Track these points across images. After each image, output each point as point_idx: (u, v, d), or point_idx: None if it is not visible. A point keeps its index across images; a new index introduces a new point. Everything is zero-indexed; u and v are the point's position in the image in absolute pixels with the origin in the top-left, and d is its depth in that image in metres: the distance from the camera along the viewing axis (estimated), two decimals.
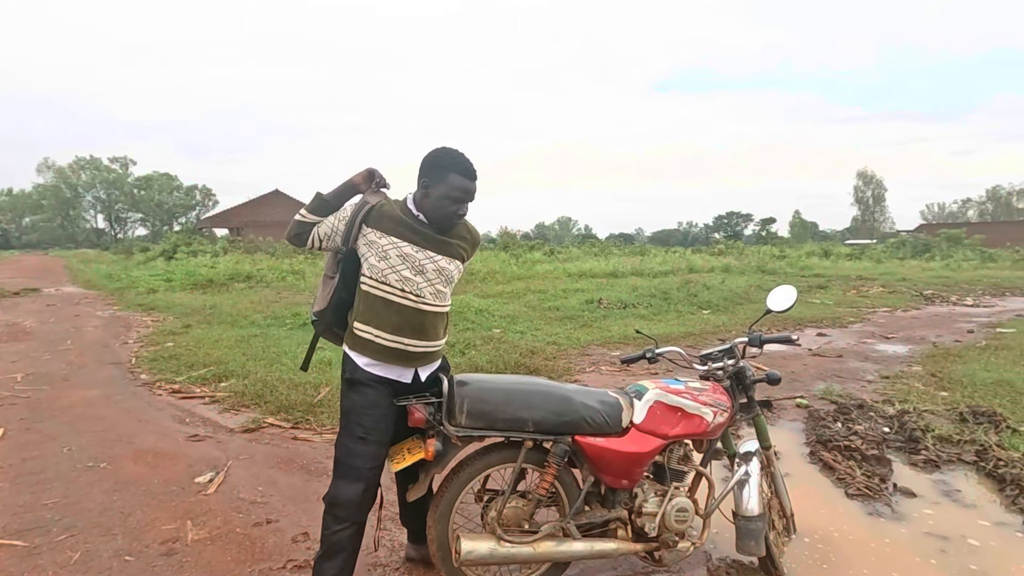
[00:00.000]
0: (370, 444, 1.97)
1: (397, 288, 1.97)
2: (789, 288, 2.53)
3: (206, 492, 3.07)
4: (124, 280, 15.50)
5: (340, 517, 1.96)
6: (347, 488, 1.95)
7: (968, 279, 17.16)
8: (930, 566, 2.45)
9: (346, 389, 2.01)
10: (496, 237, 43.18)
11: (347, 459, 1.97)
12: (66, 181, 76.51)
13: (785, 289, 2.54)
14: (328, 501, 1.98)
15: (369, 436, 1.96)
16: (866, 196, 77.98)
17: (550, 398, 2.07)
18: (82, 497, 3.00)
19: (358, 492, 1.95)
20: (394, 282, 1.96)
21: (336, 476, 1.99)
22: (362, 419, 1.96)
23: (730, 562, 2.45)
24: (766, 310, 2.57)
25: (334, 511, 1.96)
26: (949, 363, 6.04)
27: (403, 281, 1.96)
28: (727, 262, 21.37)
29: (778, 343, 2.45)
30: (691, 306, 10.55)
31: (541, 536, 2.07)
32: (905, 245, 32.75)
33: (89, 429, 4.06)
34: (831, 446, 3.59)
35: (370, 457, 1.97)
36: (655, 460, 2.24)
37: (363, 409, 1.97)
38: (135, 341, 7.51)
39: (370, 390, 1.98)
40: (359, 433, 1.96)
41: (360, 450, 1.96)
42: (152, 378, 5.52)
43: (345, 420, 2.00)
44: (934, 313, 10.51)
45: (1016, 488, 3.05)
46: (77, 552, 2.48)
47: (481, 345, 6.67)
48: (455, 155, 1.99)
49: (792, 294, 2.50)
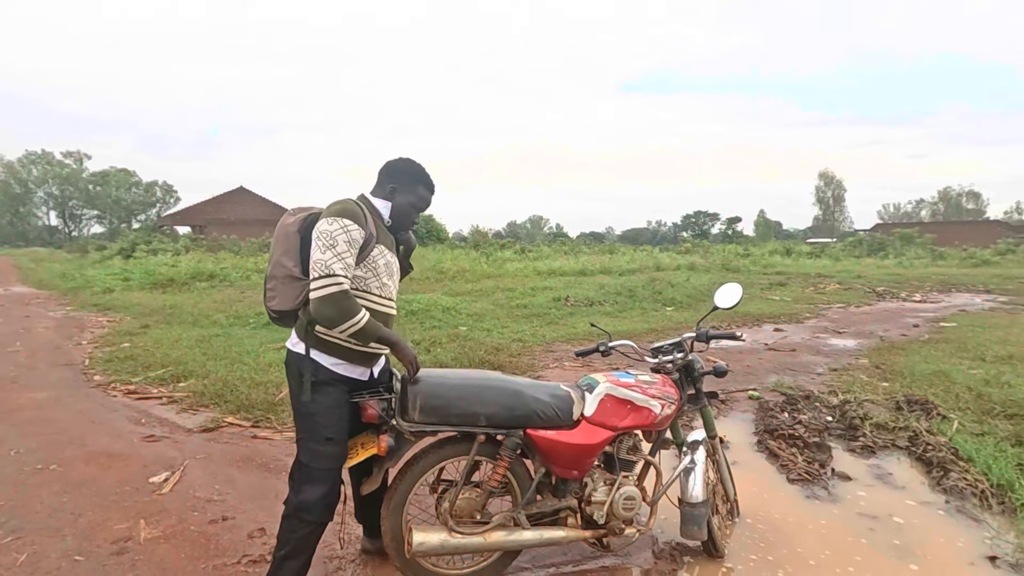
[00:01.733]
0: (337, 444, 1.99)
1: (376, 295, 2.02)
2: (735, 286, 2.64)
3: (161, 491, 3.04)
4: (79, 279, 14.94)
5: (307, 520, 1.96)
6: (314, 491, 1.95)
7: (918, 276, 17.97)
8: (859, 543, 2.62)
9: (308, 391, 1.95)
10: (467, 235, 43.13)
11: (315, 462, 1.96)
12: (15, 176, 73.08)
13: (731, 287, 2.65)
14: (296, 507, 1.96)
15: (336, 436, 1.98)
16: (827, 196, 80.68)
17: (502, 393, 2.11)
18: (30, 499, 2.94)
19: (325, 493, 1.97)
20: (374, 289, 2.01)
21: (303, 481, 1.97)
22: (329, 420, 1.96)
23: (674, 545, 2.57)
24: (713, 307, 2.69)
25: (301, 515, 1.96)
26: (893, 356, 6.35)
27: (382, 288, 2.03)
28: (693, 260, 21.90)
29: (724, 339, 2.57)
30: (655, 303, 10.79)
31: (492, 527, 2.13)
32: (862, 244, 34.00)
33: (39, 432, 3.95)
34: (777, 435, 3.77)
35: (336, 457, 2.00)
36: (605, 450, 2.33)
37: (329, 409, 1.97)
38: (89, 342, 7.30)
39: (333, 389, 1.98)
40: (327, 434, 1.96)
41: (327, 451, 1.97)
42: (107, 379, 5.39)
43: (309, 423, 1.96)
44: (884, 309, 10.99)
45: (941, 470, 3.26)
46: (24, 554, 2.44)
47: (447, 343, 6.71)
48: (423, 170, 2.13)
49: (738, 292, 2.61)
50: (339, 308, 1.84)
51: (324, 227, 1.88)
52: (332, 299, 1.82)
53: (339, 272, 1.84)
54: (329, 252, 1.84)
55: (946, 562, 2.47)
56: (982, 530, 2.73)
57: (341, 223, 1.87)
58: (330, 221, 1.88)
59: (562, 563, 2.43)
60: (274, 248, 2.04)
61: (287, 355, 2.05)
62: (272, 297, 2.04)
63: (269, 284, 2.05)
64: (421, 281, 14.72)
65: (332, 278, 1.83)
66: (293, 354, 2.02)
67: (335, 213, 1.90)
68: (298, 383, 1.98)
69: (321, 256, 1.84)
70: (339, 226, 1.87)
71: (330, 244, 1.85)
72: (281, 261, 2.00)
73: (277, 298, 2.02)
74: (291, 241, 2.00)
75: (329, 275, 1.83)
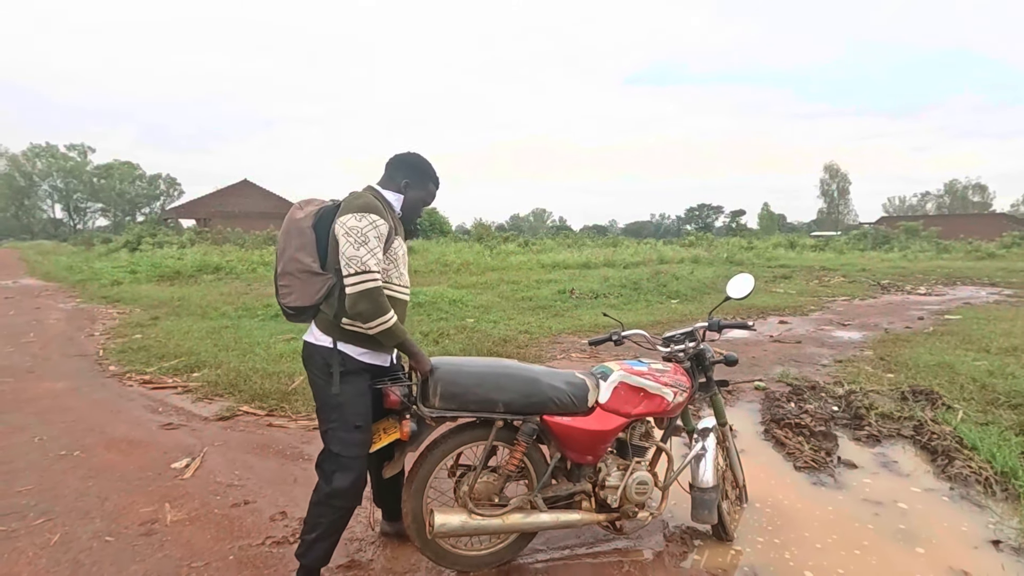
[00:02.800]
0: (365, 431, 2.05)
1: (396, 284, 2.08)
2: (747, 276, 2.67)
3: (182, 477, 3.12)
4: (86, 272, 15.05)
5: (338, 506, 2.03)
6: (346, 478, 2.00)
7: (923, 269, 17.95)
8: (864, 528, 2.68)
9: (337, 382, 1.98)
10: (470, 229, 43.13)
11: (346, 451, 2.00)
12: (20, 169, 73.22)
13: (743, 277, 2.67)
14: (328, 495, 2.01)
15: (364, 424, 2.04)
16: (832, 189, 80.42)
17: (519, 380, 2.16)
18: (57, 484, 3.02)
19: (355, 479, 2.03)
20: (395, 279, 2.07)
21: (335, 470, 2.01)
22: (358, 408, 2.02)
23: (684, 528, 2.64)
24: (725, 297, 2.72)
25: (332, 501, 2.01)
26: (898, 348, 6.40)
27: (400, 277, 2.10)
28: (697, 253, 21.91)
29: (735, 328, 2.60)
30: (660, 296, 10.84)
31: (510, 509, 2.19)
32: (867, 237, 33.90)
33: (59, 420, 4.04)
34: (783, 424, 3.82)
35: (364, 444, 2.06)
36: (618, 436, 2.38)
37: (357, 398, 2.02)
38: (101, 333, 7.39)
39: (359, 378, 2.04)
40: (356, 422, 2.00)
41: (356, 439, 2.02)
42: (121, 369, 5.48)
43: (339, 413, 2.00)
44: (889, 302, 11.01)
45: (946, 458, 3.32)
46: (56, 535, 2.52)
47: (454, 334, 6.77)
48: (431, 165, 2.19)
49: (750, 282, 2.64)
50: (375, 304, 1.89)
51: (353, 223, 1.91)
52: (369, 295, 1.88)
53: (373, 268, 1.89)
54: (363, 248, 1.88)
55: (950, 546, 2.53)
56: (986, 516, 2.79)
57: (370, 219, 1.92)
58: (358, 217, 1.91)
59: (576, 545, 2.50)
60: (285, 243, 2.02)
61: (307, 349, 2.06)
62: (288, 294, 2.02)
63: (283, 280, 2.03)
64: (426, 274, 14.79)
65: (368, 274, 1.88)
66: (318, 348, 2.03)
67: (360, 208, 1.93)
68: (324, 375, 2.01)
69: (356, 252, 1.88)
70: (368, 222, 1.91)
71: (362, 241, 1.89)
72: (297, 257, 1.98)
73: (294, 294, 2.01)
74: (306, 236, 1.99)
75: (365, 271, 1.87)
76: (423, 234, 31.99)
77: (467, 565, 2.27)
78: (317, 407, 2.08)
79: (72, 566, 2.30)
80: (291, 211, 2.08)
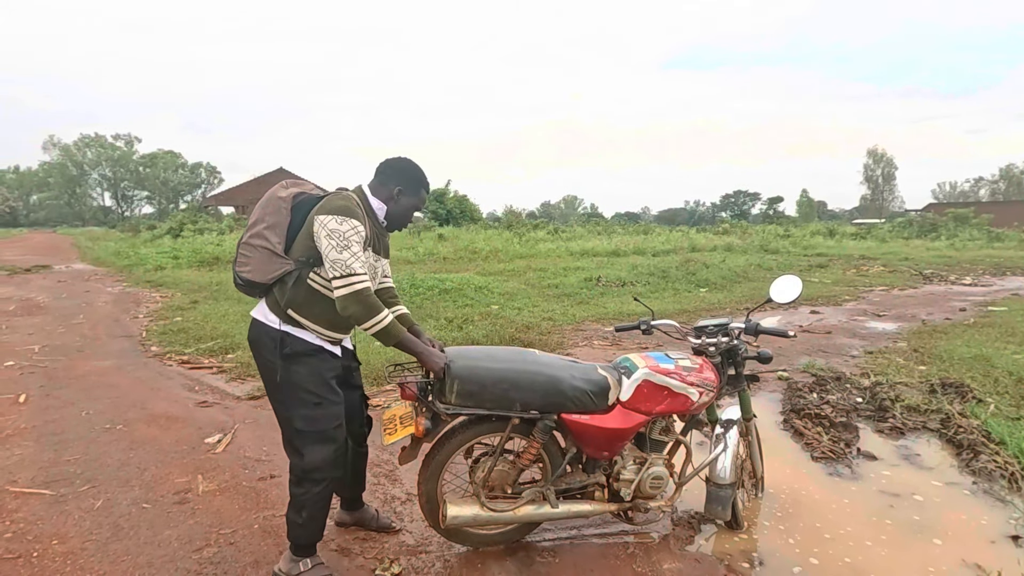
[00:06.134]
0: (328, 406, 2.03)
1: None
2: (794, 279, 2.51)
3: (215, 451, 3.31)
4: (132, 257, 15.78)
5: (317, 479, 2.03)
6: (319, 451, 2.01)
7: (971, 259, 17.15)
8: (876, 519, 2.65)
9: (285, 364, 1.97)
10: (501, 216, 43.18)
11: (311, 426, 2.00)
12: (72, 159, 76.81)
13: (789, 280, 2.52)
14: (304, 469, 2.01)
15: (323, 398, 2.02)
16: (876, 175, 77.17)
17: (538, 378, 2.12)
18: (101, 454, 3.25)
19: (331, 452, 2.04)
20: None
21: (303, 445, 2.01)
22: (310, 386, 1.99)
23: (693, 513, 2.66)
24: (767, 299, 2.58)
25: (311, 475, 2.02)
26: (934, 339, 6.19)
27: None
28: (730, 241, 21.45)
29: (775, 335, 2.46)
30: (689, 284, 10.69)
31: (522, 502, 2.20)
32: (912, 225, 32.48)
33: (104, 396, 4.31)
34: (803, 414, 3.78)
35: (333, 417, 2.05)
36: None
37: (311, 376, 2.00)
38: (145, 316, 7.78)
39: (312, 358, 2.01)
40: (313, 400, 2.00)
41: (320, 413, 2.01)
42: (162, 350, 5.77)
43: (291, 393, 1.99)
44: (930, 292, 10.61)
45: (971, 452, 3.24)
46: (100, 500, 2.73)
47: (479, 320, 6.87)
48: (423, 172, 2.17)
49: (797, 286, 2.48)
50: (365, 305, 1.90)
51: (334, 226, 1.90)
52: (357, 296, 1.88)
53: (359, 271, 1.89)
54: (346, 252, 1.89)
55: (965, 539, 2.49)
56: (1008, 511, 2.73)
57: (351, 223, 1.92)
58: (339, 220, 1.90)
59: (584, 525, 2.56)
60: (258, 215, 2.03)
61: (256, 328, 2.04)
62: (244, 263, 2.01)
63: (244, 251, 2.02)
64: (454, 261, 14.94)
65: (353, 276, 1.88)
66: (266, 328, 2.01)
67: (342, 212, 1.92)
68: (274, 356, 1.98)
69: (339, 256, 1.88)
70: (350, 226, 1.91)
71: (345, 245, 1.89)
72: (265, 233, 1.99)
73: (250, 267, 2.00)
74: (281, 216, 2.01)
75: (350, 274, 1.88)
76: (453, 221, 32.19)
77: (478, 543, 2.35)
78: (268, 390, 2.06)
79: (113, 529, 2.49)
80: (275, 188, 2.08)
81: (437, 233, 22.86)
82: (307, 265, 1.98)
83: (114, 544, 2.38)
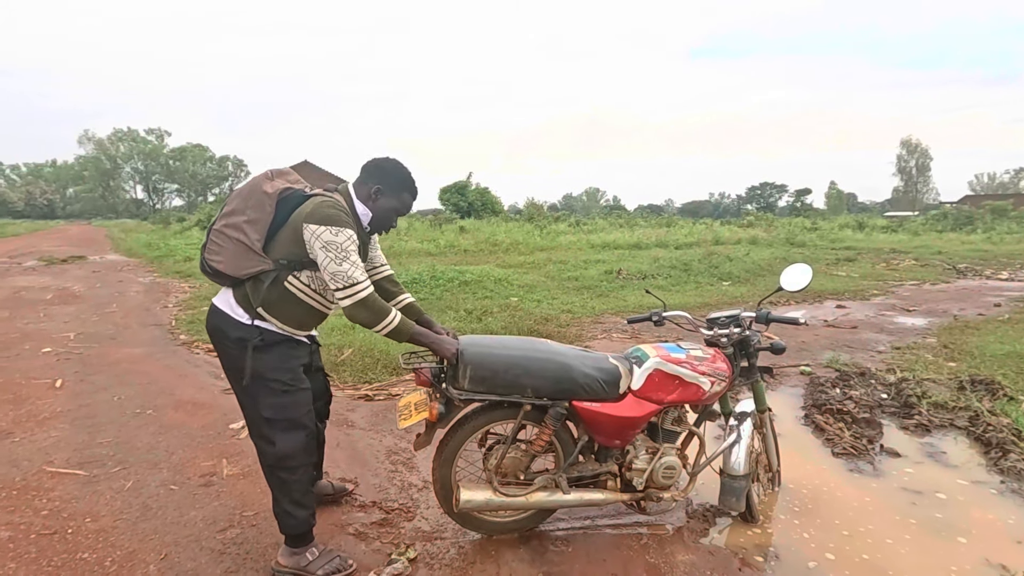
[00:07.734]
0: (296, 392, 2.04)
1: (327, 300, 2.09)
2: (804, 266, 2.51)
3: (239, 437, 3.40)
4: (162, 249, 16.21)
5: (293, 467, 2.04)
6: (290, 439, 2.02)
7: (1008, 252, 16.57)
8: (898, 515, 2.61)
9: (255, 355, 1.96)
10: (522, 208, 43.09)
11: (281, 414, 2.00)
12: (105, 153, 78.96)
13: (800, 268, 2.52)
14: (277, 457, 2.01)
15: (292, 385, 2.03)
16: (909, 166, 74.79)
17: (549, 366, 2.14)
18: (131, 438, 3.37)
19: (303, 438, 2.05)
20: (326, 293, 2.07)
21: (274, 433, 2.01)
22: (278, 374, 2.00)
23: (708, 506, 2.65)
24: (777, 287, 2.58)
25: (285, 463, 2.02)
26: (965, 335, 6.01)
27: (331, 293, 2.02)
28: (755, 234, 21.04)
29: (785, 323, 2.46)
30: (711, 277, 10.55)
31: (534, 489, 2.23)
32: (947, 217, 31.47)
33: (135, 382, 4.46)
34: (824, 409, 3.72)
35: (302, 404, 2.06)
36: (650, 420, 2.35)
37: (277, 365, 2.00)
38: (174, 305, 8.00)
39: (279, 347, 2.02)
40: (281, 388, 2.00)
41: (289, 401, 2.02)
42: (190, 339, 5.94)
43: (260, 382, 1.98)
44: (963, 287, 10.29)
45: (1000, 451, 3.15)
46: (130, 481, 2.84)
47: (498, 312, 6.90)
48: (409, 175, 2.12)
49: (807, 273, 2.47)
50: (372, 310, 1.93)
51: (329, 238, 1.89)
52: (363, 303, 1.92)
53: (360, 279, 1.92)
54: (346, 263, 1.90)
55: (990, 539, 2.43)
56: None
57: (346, 234, 1.92)
58: (335, 232, 1.89)
59: (598, 515, 2.57)
60: (237, 204, 1.98)
61: (218, 317, 2.01)
62: (216, 253, 1.97)
63: (217, 238, 1.98)
64: (475, 253, 14.99)
65: (357, 285, 1.91)
66: (232, 320, 1.98)
67: (334, 222, 1.90)
68: (239, 348, 1.97)
69: (339, 268, 1.89)
70: (345, 236, 1.91)
71: (344, 256, 1.90)
72: (242, 226, 1.94)
73: (221, 258, 1.96)
74: (264, 212, 1.96)
75: (353, 284, 1.90)
76: (475, 214, 32.25)
77: (491, 530, 2.38)
78: (231, 379, 2.04)
79: (142, 509, 2.59)
80: (260, 178, 2.04)
81: (458, 225, 22.97)
82: (287, 268, 1.97)
83: (143, 523, 2.48)
